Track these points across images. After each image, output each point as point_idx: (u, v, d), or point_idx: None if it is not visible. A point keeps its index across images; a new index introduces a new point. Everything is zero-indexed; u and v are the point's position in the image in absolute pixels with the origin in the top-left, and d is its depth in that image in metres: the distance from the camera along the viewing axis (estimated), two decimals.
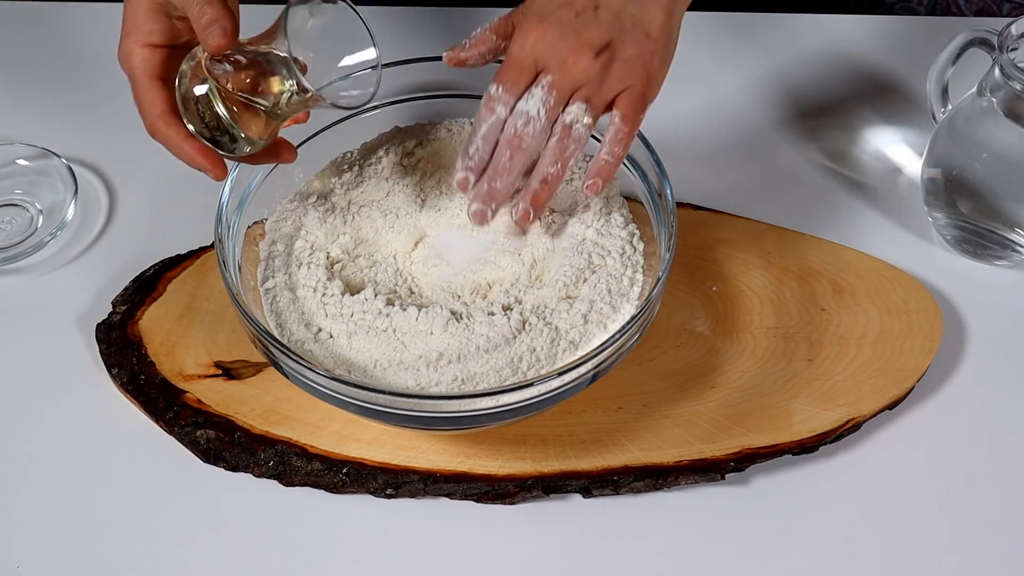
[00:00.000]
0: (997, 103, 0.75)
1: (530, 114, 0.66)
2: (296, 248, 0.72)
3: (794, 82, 0.96)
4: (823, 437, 0.72)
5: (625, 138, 0.67)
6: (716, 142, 0.92)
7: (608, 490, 0.70)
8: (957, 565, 0.68)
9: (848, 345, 0.77)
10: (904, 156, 0.91)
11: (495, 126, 0.67)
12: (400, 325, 0.66)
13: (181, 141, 0.64)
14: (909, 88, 0.95)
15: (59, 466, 0.72)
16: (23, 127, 0.91)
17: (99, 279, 0.82)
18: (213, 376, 0.75)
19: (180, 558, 0.68)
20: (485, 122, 0.67)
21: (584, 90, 0.66)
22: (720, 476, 0.70)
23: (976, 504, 0.71)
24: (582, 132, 0.66)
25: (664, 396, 0.74)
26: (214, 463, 0.72)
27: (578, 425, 0.72)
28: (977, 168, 0.78)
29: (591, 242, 0.71)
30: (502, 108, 0.66)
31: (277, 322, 0.68)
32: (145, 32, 0.64)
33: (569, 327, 0.67)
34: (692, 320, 0.78)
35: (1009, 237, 0.80)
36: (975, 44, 0.77)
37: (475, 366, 0.65)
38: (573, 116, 0.66)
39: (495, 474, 0.70)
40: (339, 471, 0.70)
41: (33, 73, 0.96)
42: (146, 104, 0.64)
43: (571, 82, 0.65)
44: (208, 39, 0.61)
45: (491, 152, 0.67)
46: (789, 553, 0.69)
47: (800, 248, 0.82)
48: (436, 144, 0.77)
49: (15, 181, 0.87)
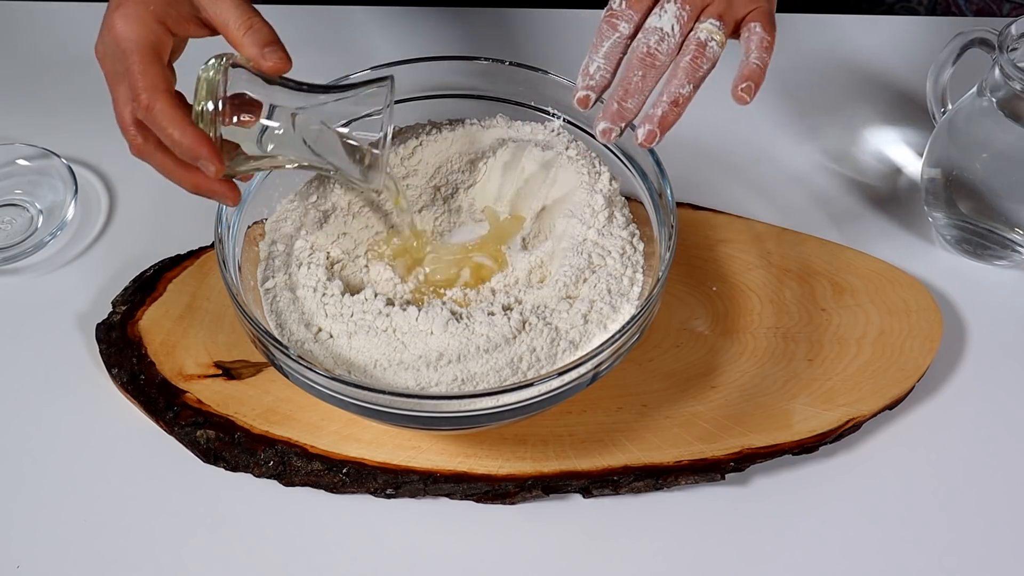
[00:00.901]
0: (997, 103, 0.75)
1: (664, 30, 0.63)
2: (296, 248, 0.72)
3: (794, 82, 0.96)
4: (823, 437, 0.72)
5: (770, 47, 0.65)
6: (716, 142, 0.92)
7: (608, 490, 0.70)
8: (957, 565, 0.68)
9: (848, 345, 0.77)
10: (904, 156, 0.91)
11: (618, 42, 0.64)
12: (400, 325, 0.66)
13: (185, 122, 0.59)
14: (909, 88, 0.95)
15: (59, 466, 0.72)
16: (23, 127, 0.91)
17: (99, 279, 0.82)
18: (213, 376, 0.75)
19: (180, 558, 0.68)
20: (607, 39, 0.64)
21: (715, 6, 0.63)
22: (720, 476, 0.70)
23: (976, 504, 0.71)
24: (716, 51, 0.64)
25: (664, 396, 0.74)
26: (214, 463, 0.72)
27: (578, 425, 0.72)
28: (977, 168, 0.78)
29: (591, 242, 0.71)
30: (625, 24, 0.64)
31: (277, 322, 0.68)
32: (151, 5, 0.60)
33: (569, 327, 0.67)
34: (692, 320, 0.78)
35: (1009, 237, 0.80)
36: (975, 44, 0.77)
37: (475, 366, 0.65)
38: (707, 34, 0.63)
39: (495, 474, 0.70)
40: (339, 471, 0.70)
41: (33, 73, 0.96)
42: (149, 76, 0.59)
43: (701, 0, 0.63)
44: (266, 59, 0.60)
45: (614, 69, 0.65)
46: (789, 553, 0.69)
47: (800, 248, 0.82)
48: (436, 144, 0.77)
49: (15, 181, 0.87)
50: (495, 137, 0.76)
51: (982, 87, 0.77)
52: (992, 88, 0.76)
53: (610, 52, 0.64)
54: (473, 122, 0.77)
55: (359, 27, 1.01)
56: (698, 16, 0.64)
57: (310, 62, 1.00)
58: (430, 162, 0.76)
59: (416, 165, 0.76)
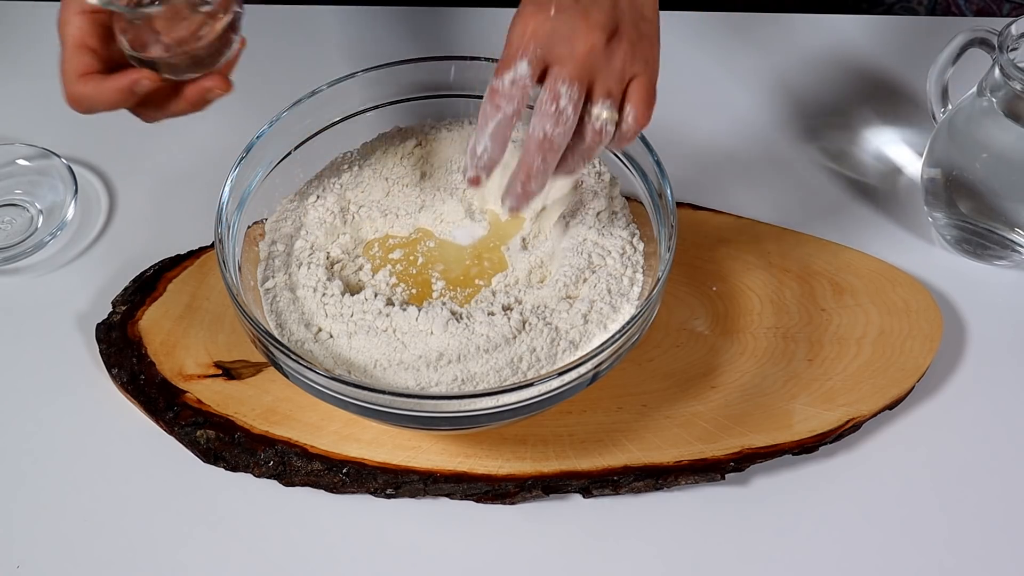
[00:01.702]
0: (997, 103, 0.75)
1: (561, 114, 0.61)
2: (296, 248, 0.72)
3: (794, 82, 0.96)
4: (823, 437, 0.72)
5: (639, 131, 0.64)
6: (716, 142, 0.92)
7: (608, 490, 0.70)
8: (956, 565, 0.68)
9: (848, 345, 0.77)
10: (904, 156, 0.91)
11: (503, 124, 0.63)
12: (400, 325, 0.66)
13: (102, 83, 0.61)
14: (909, 88, 0.95)
15: (59, 466, 0.72)
16: (23, 127, 0.91)
17: (99, 279, 0.82)
18: (213, 376, 0.75)
19: (180, 558, 0.68)
20: (492, 120, 0.63)
21: (602, 82, 0.62)
22: (720, 476, 0.70)
23: (976, 504, 0.71)
24: (610, 132, 0.63)
25: (664, 396, 0.74)
26: (214, 463, 0.72)
27: (578, 425, 0.72)
28: (977, 168, 0.78)
29: (591, 242, 0.71)
30: (508, 105, 0.62)
31: (277, 322, 0.68)
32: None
33: (569, 327, 0.67)
34: (692, 320, 0.78)
35: (1009, 237, 0.80)
36: (975, 44, 0.77)
37: (475, 366, 0.65)
38: (603, 119, 0.62)
39: (495, 474, 0.70)
40: (339, 471, 0.70)
41: (33, 73, 0.96)
42: (65, 71, 0.61)
43: (588, 72, 0.61)
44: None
45: (502, 148, 0.64)
46: (789, 553, 0.69)
47: (800, 248, 0.82)
48: (436, 144, 0.77)
49: (15, 181, 0.87)
50: None
51: (982, 87, 0.77)
52: (992, 88, 0.76)
53: (496, 132, 0.63)
54: (473, 122, 0.77)
55: (359, 27, 1.01)
56: (589, 89, 0.62)
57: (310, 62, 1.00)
58: (430, 162, 0.76)
59: (416, 165, 0.76)
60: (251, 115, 0.76)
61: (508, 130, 0.63)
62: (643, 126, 0.64)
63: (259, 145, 0.71)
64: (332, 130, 0.76)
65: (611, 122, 0.63)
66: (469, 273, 0.72)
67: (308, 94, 0.73)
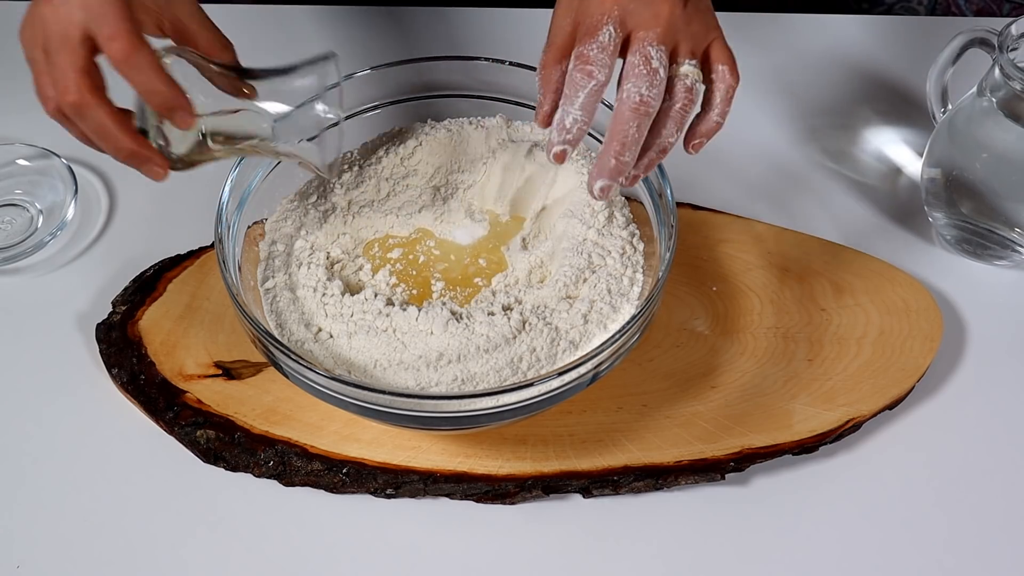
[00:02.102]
0: (997, 103, 0.75)
1: (654, 74, 0.59)
2: (296, 248, 0.72)
3: (794, 82, 0.96)
4: (823, 437, 0.72)
5: (733, 93, 0.63)
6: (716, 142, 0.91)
7: (608, 490, 0.70)
8: (956, 565, 0.68)
9: (848, 345, 0.77)
10: (904, 156, 0.91)
11: (595, 92, 0.60)
12: (400, 325, 0.66)
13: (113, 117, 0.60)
14: (909, 88, 0.95)
15: (59, 466, 0.72)
16: (23, 127, 0.91)
17: (99, 279, 0.82)
18: (213, 376, 0.75)
19: (180, 558, 0.68)
20: (583, 89, 0.60)
21: (684, 43, 0.61)
22: (720, 476, 0.70)
23: (976, 504, 0.71)
24: (700, 92, 0.62)
25: (664, 396, 0.74)
26: (214, 463, 0.72)
27: (578, 425, 0.72)
28: (977, 168, 0.78)
29: (591, 242, 0.71)
30: (600, 71, 0.60)
31: (277, 322, 0.68)
32: None
33: (569, 327, 0.67)
34: (692, 320, 0.78)
35: (1009, 237, 0.80)
36: (975, 44, 0.77)
37: (475, 366, 0.65)
38: (693, 77, 0.61)
39: (495, 474, 0.70)
40: (339, 471, 0.70)
41: None
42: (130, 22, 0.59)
43: (672, 35, 0.60)
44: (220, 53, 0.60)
45: (590, 121, 0.61)
46: (789, 553, 0.69)
47: (800, 248, 0.82)
48: (436, 144, 0.77)
49: (15, 181, 0.87)
50: (495, 137, 0.77)
51: (982, 87, 0.77)
52: (992, 88, 0.76)
53: (587, 103, 0.60)
54: (473, 122, 0.77)
55: (358, 27, 1.01)
56: (672, 53, 0.61)
57: None
58: (430, 162, 0.76)
59: (416, 165, 0.76)
60: None
61: (598, 99, 0.61)
62: (737, 82, 0.63)
63: None
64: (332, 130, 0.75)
65: (699, 81, 0.62)
66: (469, 273, 0.72)
67: None
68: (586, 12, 0.61)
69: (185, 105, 0.60)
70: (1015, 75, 0.73)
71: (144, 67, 0.59)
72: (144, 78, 0.59)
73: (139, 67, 0.59)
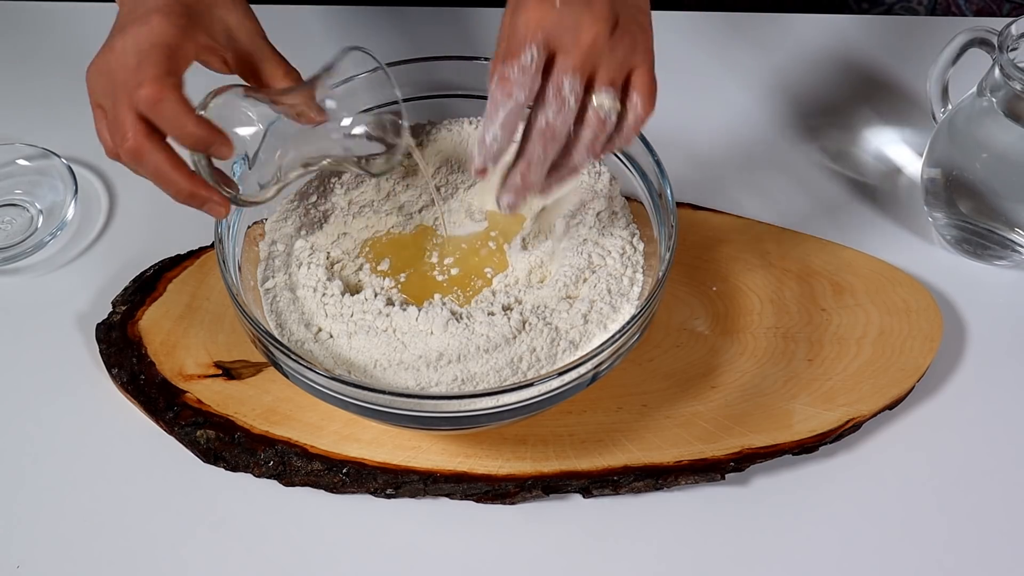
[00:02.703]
0: (997, 103, 0.75)
1: (564, 103, 0.61)
2: (296, 248, 0.72)
3: (794, 82, 0.96)
4: (823, 437, 0.72)
5: (646, 120, 0.64)
6: (716, 142, 0.92)
7: (608, 490, 0.70)
8: (956, 565, 0.68)
9: (848, 345, 0.77)
10: (904, 156, 0.91)
11: (514, 111, 0.62)
12: (400, 325, 0.66)
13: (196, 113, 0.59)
14: (909, 88, 0.95)
15: (59, 466, 0.72)
16: (23, 127, 0.91)
17: (99, 279, 0.82)
18: (213, 376, 0.75)
19: (180, 558, 0.68)
20: (502, 108, 0.62)
21: (605, 71, 0.62)
22: (720, 476, 0.70)
23: (976, 504, 0.71)
24: (613, 121, 0.63)
25: (664, 396, 0.74)
26: (214, 463, 0.72)
27: (578, 425, 0.72)
28: (977, 168, 0.78)
29: (591, 242, 0.71)
30: (520, 92, 0.61)
31: (277, 322, 0.68)
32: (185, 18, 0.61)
33: (569, 327, 0.67)
34: (692, 320, 0.78)
35: (1009, 237, 0.80)
36: (975, 44, 0.77)
37: (475, 366, 0.65)
38: (605, 105, 0.62)
39: (495, 474, 0.70)
40: (339, 471, 0.70)
41: (33, 73, 0.96)
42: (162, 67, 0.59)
43: (592, 61, 0.61)
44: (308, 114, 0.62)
45: (510, 139, 0.63)
46: (789, 553, 0.69)
47: (800, 248, 0.82)
48: (436, 144, 0.77)
49: (15, 181, 0.87)
50: None
51: (982, 87, 0.77)
52: (992, 88, 0.76)
53: (506, 121, 0.62)
54: (473, 122, 0.77)
55: (358, 27, 1.01)
56: (590, 79, 0.62)
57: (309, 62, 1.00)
58: (430, 162, 0.76)
59: (416, 165, 0.76)
60: None
61: (518, 118, 0.62)
62: (649, 114, 0.64)
63: None
64: None
65: (614, 111, 0.62)
66: (469, 273, 0.72)
67: None
68: (514, 32, 0.62)
69: (218, 139, 0.60)
70: (1015, 75, 0.73)
71: (169, 110, 0.59)
72: (170, 120, 0.59)
73: (163, 111, 0.59)
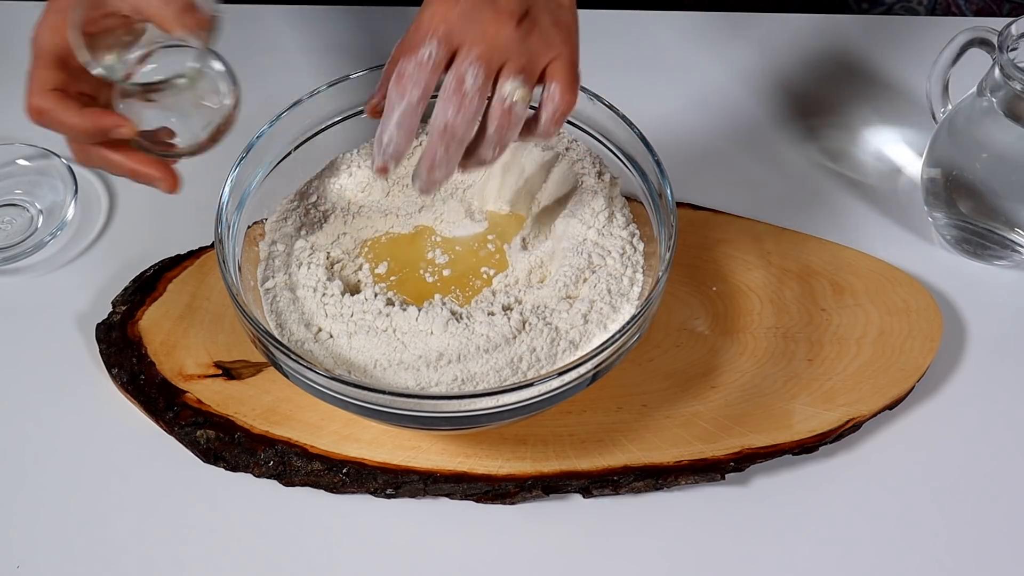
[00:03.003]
0: (997, 103, 0.75)
1: (464, 99, 0.59)
2: (296, 248, 0.72)
3: (794, 82, 0.96)
4: (823, 437, 0.72)
5: (567, 112, 0.61)
6: (716, 142, 0.92)
7: (608, 490, 0.70)
8: (956, 565, 0.68)
9: (848, 345, 0.77)
10: (904, 156, 0.91)
11: (409, 111, 0.59)
12: (400, 325, 0.66)
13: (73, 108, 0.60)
14: (909, 88, 0.95)
15: (59, 466, 0.72)
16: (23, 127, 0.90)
17: (99, 279, 0.82)
18: (213, 376, 0.75)
19: (180, 558, 0.68)
20: (396, 107, 0.59)
21: (513, 63, 0.59)
22: (720, 476, 0.70)
23: (976, 504, 0.71)
24: (521, 111, 0.60)
25: (664, 396, 0.74)
26: (214, 463, 0.72)
27: (578, 425, 0.72)
28: (977, 168, 0.78)
29: (591, 242, 0.71)
30: (414, 90, 0.59)
31: (277, 322, 0.68)
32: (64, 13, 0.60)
33: (569, 327, 0.67)
34: (692, 320, 0.78)
35: (1009, 237, 0.80)
36: (975, 44, 0.77)
37: (475, 366, 0.65)
38: (512, 94, 0.59)
39: (495, 474, 0.70)
40: (339, 471, 0.70)
41: None
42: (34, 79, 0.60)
43: (498, 54, 0.59)
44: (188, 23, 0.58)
45: (408, 139, 0.61)
46: (789, 553, 0.69)
47: (800, 248, 0.82)
48: None
49: (15, 181, 0.87)
50: None
51: (982, 87, 0.77)
52: (992, 88, 0.76)
53: (403, 120, 0.60)
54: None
55: (359, 27, 1.01)
56: (498, 72, 0.59)
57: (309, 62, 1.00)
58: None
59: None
60: (251, 115, 0.76)
61: (415, 118, 0.60)
62: (570, 104, 0.61)
63: (259, 145, 0.71)
64: (332, 130, 0.76)
65: (523, 101, 0.60)
66: (469, 273, 0.72)
67: (308, 94, 0.73)
68: (416, 27, 0.60)
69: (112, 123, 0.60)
70: (1015, 75, 0.73)
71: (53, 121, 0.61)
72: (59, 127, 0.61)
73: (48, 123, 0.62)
